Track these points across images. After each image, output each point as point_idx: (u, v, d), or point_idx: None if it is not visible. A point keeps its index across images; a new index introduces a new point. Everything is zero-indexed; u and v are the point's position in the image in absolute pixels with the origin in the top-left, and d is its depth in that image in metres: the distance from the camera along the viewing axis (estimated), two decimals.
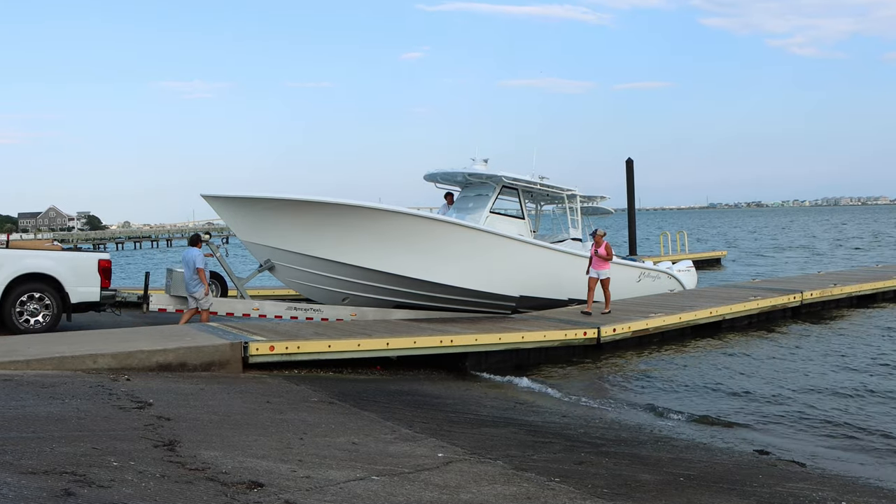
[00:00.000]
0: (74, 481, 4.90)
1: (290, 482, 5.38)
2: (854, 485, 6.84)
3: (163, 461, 5.65)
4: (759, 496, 6.00)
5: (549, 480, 5.99)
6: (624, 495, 5.71)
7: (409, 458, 6.49)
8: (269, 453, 6.22)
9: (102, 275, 14.02)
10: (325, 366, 11.56)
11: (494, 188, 16.95)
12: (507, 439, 7.77)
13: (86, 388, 8.37)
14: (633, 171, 32.10)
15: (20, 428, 6.33)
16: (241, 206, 14.50)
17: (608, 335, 13.81)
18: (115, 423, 6.84)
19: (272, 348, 10.96)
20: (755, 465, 7.37)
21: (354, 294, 15.43)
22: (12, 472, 4.99)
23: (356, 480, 5.58)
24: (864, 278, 21.61)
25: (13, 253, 13.53)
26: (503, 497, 5.46)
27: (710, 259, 37.83)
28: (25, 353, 9.87)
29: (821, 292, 18.88)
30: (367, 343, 11.77)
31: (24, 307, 13.23)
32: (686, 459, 7.45)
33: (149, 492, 4.86)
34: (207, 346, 10.68)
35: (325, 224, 14.43)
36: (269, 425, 7.37)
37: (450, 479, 5.85)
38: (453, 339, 12.39)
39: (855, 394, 10.93)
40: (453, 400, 10.25)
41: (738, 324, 16.75)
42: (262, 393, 9.26)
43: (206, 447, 6.25)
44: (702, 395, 11.01)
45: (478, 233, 15.66)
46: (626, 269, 19.17)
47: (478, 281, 15.65)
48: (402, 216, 14.95)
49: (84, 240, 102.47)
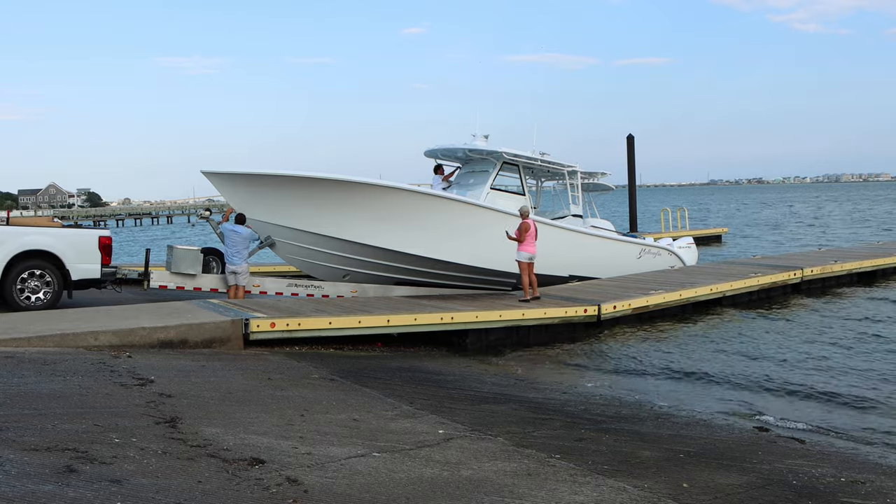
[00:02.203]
0: (76, 458, 4.92)
1: (292, 459, 5.41)
2: (853, 461, 6.87)
3: (164, 438, 5.67)
4: (758, 472, 6.03)
5: (550, 457, 6.02)
6: (624, 472, 5.74)
7: (410, 434, 6.51)
8: (271, 430, 6.24)
9: (103, 252, 14.01)
10: (325, 342, 11.58)
11: (495, 164, 16.87)
12: (508, 416, 7.80)
13: (87, 366, 8.39)
14: (633, 148, 31.98)
15: (22, 405, 6.34)
16: (241, 182, 14.46)
17: (609, 312, 13.81)
18: (117, 401, 6.86)
19: (273, 325, 10.97)
20: (755, 442, 7.40)
21: (355, 270, 15.43)
22: (15, 448, 5.01)
23: (357, 457, 5.60)
24: (865, 255, 21.58)
25: (14, 230, 13.50)
26: (504, 473, 5.49)
27: (711, 236, 37.80)
28: (27, 330, 9.88)
29: (821, 269, 18.86)
30: (367, 320, 11.78)
31: (24, 284, 13.23)
32: (686, 436, 7.47)
33: (150, 468, 4.88)
34: (208, 323, 10.69)
35: (325, 200, 14.40)
36: (271, 402, 7.39)
37: (450, 456, 5.88)
38: (454, 317, 12.40)
39: (854, 371, 10.94)
40: (454, 377, 10.28)
41: (739, 300, 16.75)
42: (263, 370, 9.28)
43: (208, 424, 6.27)
44: (702, 373, 11.02)
45: (478, 209, 15.62)
46: (627, 245, 19.15)
47: (478, 258, 15.64)
48: (403, 192, 14.90)
49: (84, 217, 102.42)
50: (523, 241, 14.22)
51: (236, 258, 14.58)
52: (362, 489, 4.87)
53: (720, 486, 5.54)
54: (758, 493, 5.43)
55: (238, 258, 14.58)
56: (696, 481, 5.61)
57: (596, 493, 5.12)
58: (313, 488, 4.78)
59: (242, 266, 14.67)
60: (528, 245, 14.23)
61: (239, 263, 14.61)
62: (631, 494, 5.14)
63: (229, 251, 14.60)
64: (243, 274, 14.71)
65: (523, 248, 14.21)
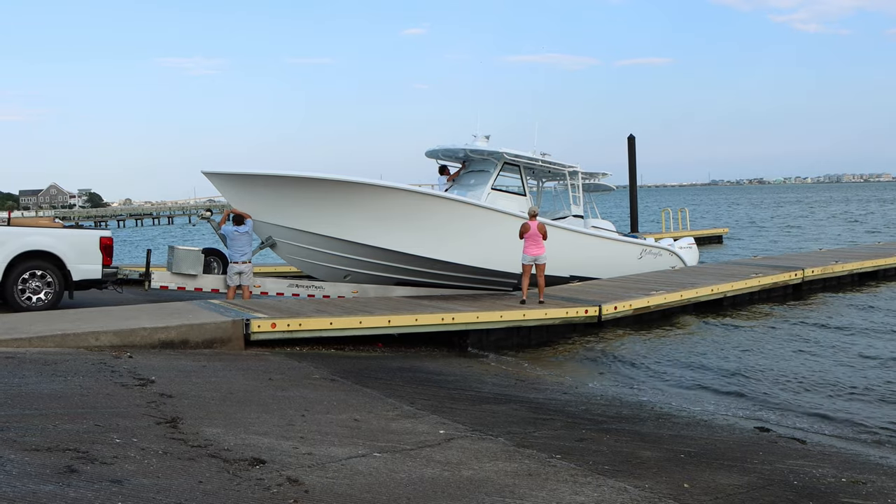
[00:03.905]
0: (77, 458, 4.92)
1: (292, 459, 5.41)
2: (854, 461, 6.86)
3: (165, 438, 5.67)
4: (759, 473, 6.03)
5: (550, 457, 6.02)
6: (625, 472, 5.74)
7: (411, 434, 6.51)
8: (271, 430, 6.24)
9: (104, 252, 14.01)
10: (326, 343, 11.58)
11: (496, 165, 16.88)
12: (509, 416, 7.80)
13: (88, 366, 8.39)
14: (634, 148, 31.94)
15: (23, 405, 6.35)
16: (242, 183, 14.47)
17: (609, 313, 13.81)
18: (118, 401, 6.86)
19: (274, 325, 10.97)
20: (755, 442, 7.39)
21: (355, 271, 15.44)
22: (16, 448, 5.01)
23: (358, 457, 5.60)
24: (866, 255, 21.56)
25: (15, 230, 13.50)
26: (504, 473, 5.49)
27: (712, 236, 37.79)
28: (27, 330, 9.88)
29: (822, 269, 18.85)
30: (368, 320, 11.78)
31: (25, 285, 13.23)
32: (687, 436, 7.47)
33: (151, 469, 4.88)
34: (209, 324, 10.70)
35: (326, 201, 14.41)
36: (271, 402, 7.39)
37: (451, 456, 5.88)
38: (455, 317, 12.40)
39: (854, 371, 10.94)
40: (455, 377, 10.28)
41: (740, 301, 16.75)
42: (264, 370, 9.28)
43: (209, 424, 6.27)
44: (703, 373, 11.03)
45: (479, 209, 15.62)
46: (628, 245, 19.15)
47: (479, 258, 15.64)
48: (404, 193, 14.91)
49: (85, 217, 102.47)
50: (525, 242, 14.15)
51: (238, 255, 14.50)
52: (363, 489, 4.87)
53: (721, 487, 5.54)
54: (759, 494, 5.43)
55: (241, 254, 14.50)
56: (697, 481, 5.61)
57: (597, 494, 5.12)
58: (314, 488, 4.78)
59: (248, 265, 14.60)
60: (527, 247, 14.10)
61: (245, 260, 14.53)
62: (632, 495, 5.14)
63: (233, 250, 14.55)
64: (248, 273, 14.65)
65: (524, 250, 14.15)
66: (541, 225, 14.12)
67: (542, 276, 14.06)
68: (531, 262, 14.06)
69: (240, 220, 14.65)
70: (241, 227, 14.56)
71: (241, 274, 14.58)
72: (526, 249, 14.07)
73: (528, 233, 14.00)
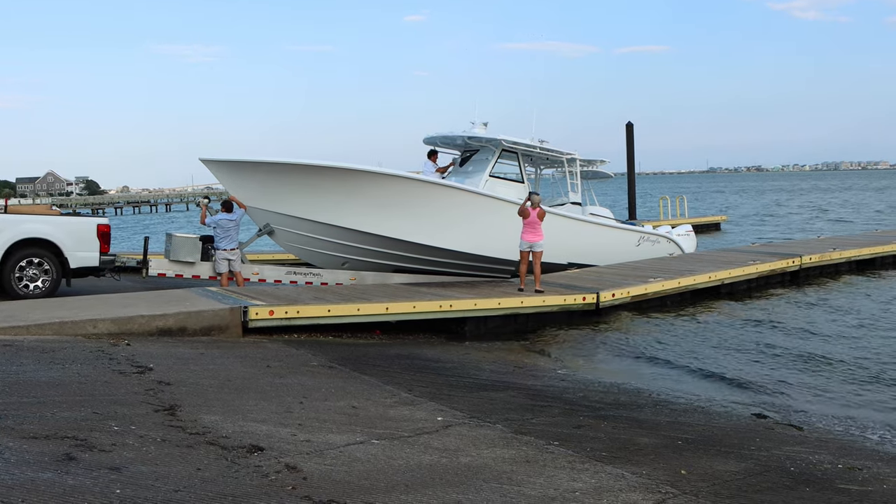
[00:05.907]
0: (76, 446, 4.92)
1: (291, 446, 5.42)
2: (851, 448, 6.89)
3: (163, 426, 5.68)
4: (756, 459, 6.05)
5: (548, 444, 6.03)
6: (622, 458, 5.75)
7: (409, 421, 6.52)
8: (270, 417, 6.25)
9: (101, 240, 13.99)
10: (324, 330, 11.58)
11: (494, 152, 16.84)
12: (506, 403, 7.82)
13: (86, 353, 8.39)
14: (633, 135, 31.90)
15: (21, 393, 6.35)
16: (240, 170, 14.43)
17: (607, 300, 13.81)
18: (116, 388, 6.87)
19: (272, 313, 10.97)
20: (753, 429, 7.42)
21: (353, 258, 15.43)
22: (14, 436, 5.02)
23: (356, 444, 5.61)
24: (864, 243, 21.59)
25: (12, 218, 13.47)
26: (502, 460, 5.50)
27: (710, 223, 37.80)
28: (25, 318, 9.87)
29: (819, 256, 18.87)
30: (366, 307, 11.78)
31: (23, 272, 13.21)
32: (684, 423, 7.49)
33: (150, 456, 4.89)
34: (207, 311, 10.69)
35: (324, 188, 14.38)
36: (269, 390, 7.40)
37: (449, 443, 5.89)
38: (452, 304, 12.40)
39: (853, 358, 10.96)
40: (452, 364, 10.29)
41: (737, 288, 16.76)
42: (262, 357, 9.29)
43: (207, 412, 6.28)
44: (700, 360, 11.04)
45: (477, 196, 15.60)
46: (626, 233, 19.13)
47: (477, 245, 15.62)
48: (402, 180, 14.89)
49: (83, 205, 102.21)
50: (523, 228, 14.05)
51: (227, 242, 14.45)
52: (361, 476, 4.88)
53: (718, 473, 5.56)
54: (756, 480, 5.45)
55: (229, 241, 14.46)
56: (694, 468, 5.63)
57: (594, 480, 5.14)
58: (312, 475, 4.79)
59: (236, 251, 14.57)
60: (525, 233, 13.95)
61: (233, 248, 14.51)
62: (629, 481, 5.16)
63: (221, 238, 14.49)
64: (237, 260, 14.64)
65: (521, 236, 14.05)
66: (541, 212, 14.06)
67: (538, 263, 13.95)
68: (528, 249, 13.97)
69: (229, 207, 14.60)
70: (231, 214, 14.52)
71: (230, 261, 14.57)
72: (523, 235, 13.99)
73: (527, 218, 13.91)
